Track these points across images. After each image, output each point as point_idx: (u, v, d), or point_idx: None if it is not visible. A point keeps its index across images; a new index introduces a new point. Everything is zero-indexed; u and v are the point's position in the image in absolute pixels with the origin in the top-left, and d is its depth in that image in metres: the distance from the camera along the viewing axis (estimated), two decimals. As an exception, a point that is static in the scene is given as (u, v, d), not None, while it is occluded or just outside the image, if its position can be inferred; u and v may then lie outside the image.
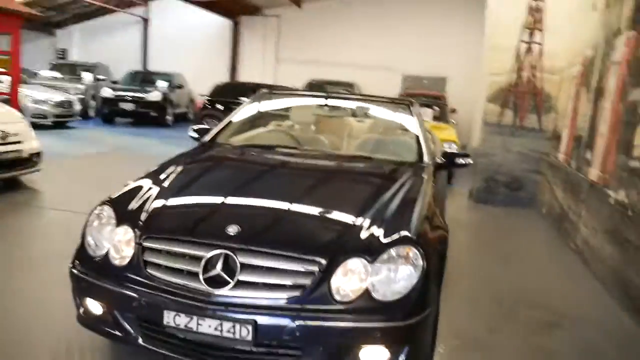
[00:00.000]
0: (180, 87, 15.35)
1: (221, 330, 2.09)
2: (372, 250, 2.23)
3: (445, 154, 3.63)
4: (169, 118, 14.31)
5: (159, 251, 2.28)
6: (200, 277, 2.16)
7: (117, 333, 2.33)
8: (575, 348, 3.22)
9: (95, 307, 2.39)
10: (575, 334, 3.39)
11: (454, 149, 7.15)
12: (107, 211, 2.50)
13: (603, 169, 4.72)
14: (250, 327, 2.07)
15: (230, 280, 2.13)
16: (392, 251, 2.23)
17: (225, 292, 2.12)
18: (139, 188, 2.70)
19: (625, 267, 3.82)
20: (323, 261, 2.16)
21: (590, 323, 3.56)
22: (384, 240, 2.28)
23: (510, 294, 3.97)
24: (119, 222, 2.42)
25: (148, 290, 2.21)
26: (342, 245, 2.26)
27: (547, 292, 4.11)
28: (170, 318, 2.14)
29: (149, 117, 13.63)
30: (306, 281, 2.14)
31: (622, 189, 4.14)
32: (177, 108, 14.86)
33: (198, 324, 2.11)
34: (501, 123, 7.29)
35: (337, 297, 2.12)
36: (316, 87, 13.87)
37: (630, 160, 4.04)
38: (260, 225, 2.40)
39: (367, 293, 2.14)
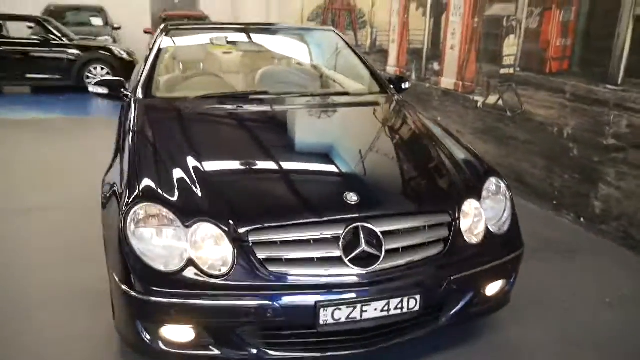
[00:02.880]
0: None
1: (388, 310, 1.88)
2: (475, 189, 2.23)
3: (391, 80, 3.65)
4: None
5: (270, 243, 1.86)
6: (345, 259, 1.86)
7: (220, 354, 1.88)
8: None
9: (179, 334, 1.87)
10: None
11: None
12: (157, 211, 1.88)
13: (461, 78, 5.37)
14: (417, 297, 1.92)
15: (379, 254, 1.89)
16: (489, 186, 2.27)
17: (380, 268, 1.88)
18: (154, 171, 2.08)
19: (506, 159, 4.57)
20: (451, 210, 2.08)
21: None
22: (477, 178, 2.30)
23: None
24: (184, 220, 1.86)
25: (282, 292, 1.81)
26: (455, 190, 2.20)
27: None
28: (327, 315, 1.82)
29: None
30: (444, 233, 2.04)
31: (493, 94, 4.83)
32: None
33: (362, 311, 1.85)
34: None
35: (471, 242, 2.10)
36: (56, 13, 11.78)
37: (502, 68, 4.70)
38: (371, 187, 2.14)
39: (487, 231, 2.16)
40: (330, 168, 2.29)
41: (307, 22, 7.46)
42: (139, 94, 2.94)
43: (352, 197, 1.98)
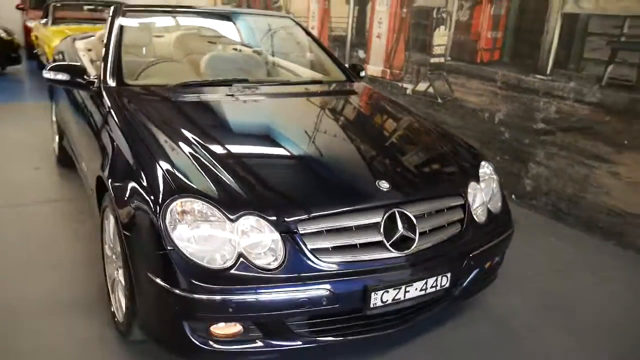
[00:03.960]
0: None
1: (426, 288, 1.99)
2: (474, 172, 2.40)
3: (353, 67, 3.69)
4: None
5: (317, 233, 1.86)
6: (386, 243, 1.93)
7: (267, 346, 1.87)
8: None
9: (228, 331, 1.83)
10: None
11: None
12: (199, 206, 1.81)
13: (388, 66, 5.60)
14: (449, 275, 2.04)
15: (414, 237, 1.99)
16: (482, 169, 2.46)
17: (416, 249, 1.98)
18: (181, 164, 1.98)
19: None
20: (462, 192, 2.23)
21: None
22: (472, 161, 2.47)
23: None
24: (230, 214, 1.80)
25: (333, 280, 1.82)
26: (462, 173, 2.35)
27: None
28: (377, 299, 1.88)
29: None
30: (460, 214, 2.19)
31: (423, 82, 5.12)
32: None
33: (406, 291, 1.93)
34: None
35: (479, 221, 2.26)
36: None
37: (432, 57, 4.99)
38: (395, 174, 2.21)
39: (488, 210, 2.34)
40: (353, 156, 2.33)
41: (221, 5, 7.27)
42: (110, 82, 2.70)
43: (383, 184, 2.05)
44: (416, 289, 1.96)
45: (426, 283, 1.98)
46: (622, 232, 3.51)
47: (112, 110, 2.46)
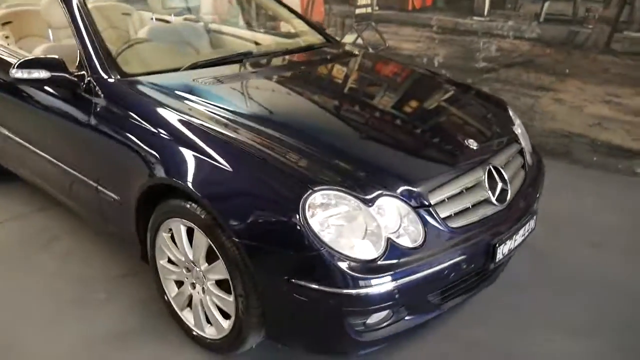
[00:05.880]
0: None
1: (525, 234, 2.11)
2: (509, 117, 2.54)
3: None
4: None
5: (441, 202, 1.86)
6: (492, 199, 2.00)
7: (411, 322, 1.88)
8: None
9: (380, 318, 1.80)
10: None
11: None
12: (337, 195, 1.70)
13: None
14: (535, 217, 2.18)
15: (507, 187, 2.08)
16: (510, 113, 2.61)
17: (511, 199, 2.07)
18: (277, 156, 1.83)
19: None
20: (516, 138, 2.36)
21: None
22: (501, 107, 2.61)
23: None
24: (365, 198, 1.72)
25: (468, 245, 1.85)
26: (505, 119, 2.48)
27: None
28: (501, 253, 1.95)
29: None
30: (521, 160, 2.33)
31: (350, 33, 5.13)
32: None
33: (514, 240, 2.03)
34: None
35: (530, 163, 2.40)
36: None
37: (358, 8, 5.01)
38: (471, 129, 2.27)
39: (530, 155, 2.48)
40: (423, 120, 2.31)
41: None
42: (106, 74, 2.30)
43: (472, 143, 2.09)
44: (522, 235, 2.08)
45: (525, 229, 2.11)
46: (569, 151, 4.00)
47: (145, 108, 2.13)
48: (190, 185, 1.84)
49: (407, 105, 2.49)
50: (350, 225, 1.68)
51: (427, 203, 1.81)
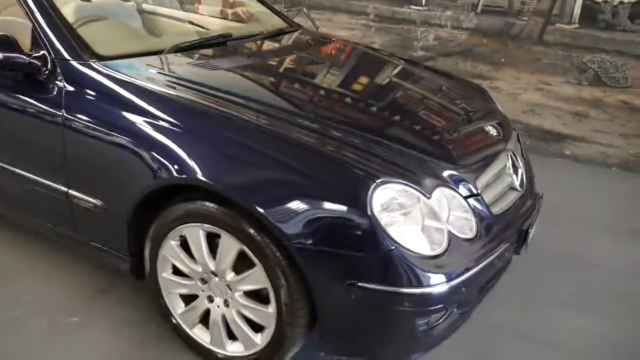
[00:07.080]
0: None
1: (537, 215, 2.14)
2: (493, 101, 2.58)
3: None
4: None
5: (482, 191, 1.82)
6: (517, 184, 2.00)
7: (461, 318, 1.80)
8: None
9: (439, 315, 1.70)
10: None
11: None
12: (400, 188, 1.58)
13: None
14: (541, 198, 2.23)
15: (524, 173, 2.10)
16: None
17: (526, 182, 2.10)
18: (321, 149, 1.66)
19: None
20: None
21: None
22: (481, 91, 2.65)
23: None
24: (425, 191, 1.61)
25: (510, 230, 1.83)
26: (493, 103, 2.51)
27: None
28: (530, 236, 1.97)
29: None
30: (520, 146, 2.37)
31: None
32: None
33: (535, 221, 2.06)
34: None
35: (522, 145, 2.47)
36: None
37: (289, -6, 4.82)
38: (482, 116, 2.23)
39: None
40: (438, 108, 2.24)
41: None
42: (75, 56, 1.92)
43: (492, 130, 2.08)
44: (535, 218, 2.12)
45: (538, 211, 2.15)
46: (504, 136, 4.22)
47: (146, 98, 1.80)
48: (229, 188, 1.60)
49: (434, 97, 2.39)
50: (416, 220, 1.57)
51: (475, 192, 1.75)
